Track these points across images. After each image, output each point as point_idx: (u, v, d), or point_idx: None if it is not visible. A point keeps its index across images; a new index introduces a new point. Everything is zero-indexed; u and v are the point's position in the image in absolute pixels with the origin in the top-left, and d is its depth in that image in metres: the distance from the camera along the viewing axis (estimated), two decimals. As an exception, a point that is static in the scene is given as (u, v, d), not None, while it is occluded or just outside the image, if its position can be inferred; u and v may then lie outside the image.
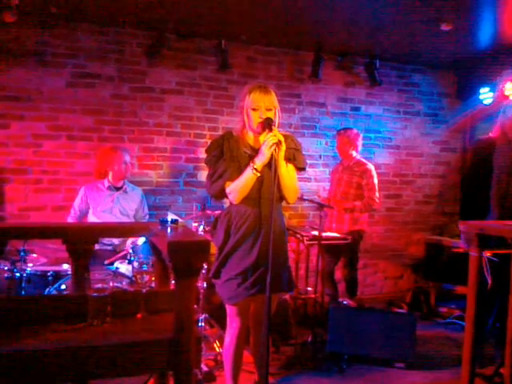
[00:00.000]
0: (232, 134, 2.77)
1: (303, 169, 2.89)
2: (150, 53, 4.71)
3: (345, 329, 3.87)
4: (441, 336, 4.60)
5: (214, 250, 2.86)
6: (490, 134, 3.90)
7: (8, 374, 1.46)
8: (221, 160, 2.68)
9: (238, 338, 2.77)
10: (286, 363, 3.82)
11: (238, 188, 2.63)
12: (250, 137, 2.75)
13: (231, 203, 2.73)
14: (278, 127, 2.69)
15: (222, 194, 2.71)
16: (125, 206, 4.27)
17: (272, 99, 2.66)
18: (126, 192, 4.31)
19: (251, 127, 2.68)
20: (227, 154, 2.68)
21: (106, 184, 4.25)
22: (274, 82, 5.11)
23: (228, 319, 2.79)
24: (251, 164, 2.57)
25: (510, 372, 2.68)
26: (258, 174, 2.58)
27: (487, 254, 2.85)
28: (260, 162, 2.55)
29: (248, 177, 2.59)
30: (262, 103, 2.63)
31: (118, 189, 4.28)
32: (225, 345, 2.85)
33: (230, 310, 2.76)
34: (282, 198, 2.75)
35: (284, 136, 2.62)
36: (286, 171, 2.68)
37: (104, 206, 4.20)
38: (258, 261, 2.62)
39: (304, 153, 5.46)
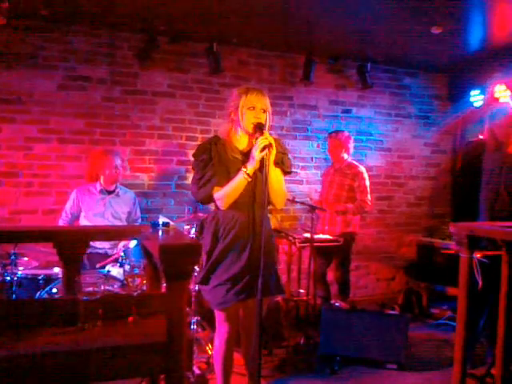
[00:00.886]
0: (219, 138, 2.75)
1: (289, 173, 2.88)
2: (141, 56, 4.70)
3: (337, 330, 3.87)
4: (433, 337, 4.62)
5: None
6: (480, 137, 3.93)
7: (-2, 378, 1.45)
8: (209, 165, 2.65)
9: (227, 342, 2.76)
10: (278, 365, 3.81)
11: (227, 193, 2.60)
12: (238, 140, 2.73)
13: (217, 208, 2.71)
14: (269, 130, 2.69)
15: (210, 200, 2.69)
16: (117, 210, 4.25)
17: (267, 102, 2.68)
18: (118, 195, 4.30)
19: (244, 127, 2.66)
20: (215, 159, 2.65)
21: (98, 187, 4.23)
22: (266, 85, 5.14)
23: (217, 324, 2.78)
24: (243, 169, 2.56)
25: (501, 372, 2.70)
26: (250, 179, 2.57)
27: (477, 255, 2.87)
28: (252, 166, 2.55)
29: (239, 182, 2.58)
30: (258, 104, 2.63)
31: (110, 192, 4.26)
32: (214, 349, 2.85)
33: (219, 316, 2.74)
34: (269, 201, 2.73)
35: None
36: (275, 175, 2.67)
37: (96, 209, 4.18)
38: (248, 266, 2.60)
39: (296, 155, 5.54)
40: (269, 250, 2.71)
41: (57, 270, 3.63)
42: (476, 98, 5.45)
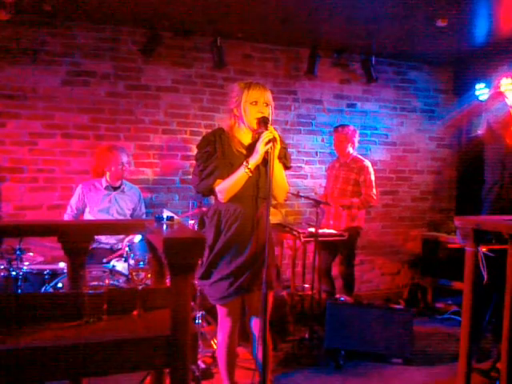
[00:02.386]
0: (224, 130, 2.72)
1: (290, 167, 2.88)
2: (145, 50, 4.70)
3: (342, 325, 3.87)
4: (438, 331, 4.61)
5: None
6: (479, 132, 3.91)
7: (3, 371, 1.45)
8: (213, 157, 2.63)
9: (230, 336, 2.76)
10: (283, 360, 3.82)
11: (228, 187, 2.59)
12: (241, 135, 2.71)
13: (219, 201, 2.68)
14: (272, 124, 2.69)
15: (210, 192, 2.67)
16: (122, 206, 4.25)
17: (269, 96, 2.66)
18: (123, 192, 4.29)
19: (247, 123, 2.64)
20: (219, 152, 2.63)
21: (104, 184, 4.23)
22: (270, 79, 5.13)
23: (219, 319, 2.78)
24: (245, 163, 2.55)
25: (507, 367, 2.69)
26: (251, 174, 2.56)
27: (483, 249, 2.85)
28: (254, 160, 2.54)
29: (240, 176, 2.56)
30: (261, 98, 2.62)
31: (115, 188, 4.25)
32: (218, 343, 2.84)
33: (221, 311, 2.73)
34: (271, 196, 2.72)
35: None
36: (278, 169, 2.66)
37: (101, 205, 4.18)
38: (250, 260, 2.60)
39: (300, 150, 5.54)
40: (270, 245, 2.71)
41: (62, 264, 3.65)
42: (481, 91, 5.41)
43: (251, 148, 2.61)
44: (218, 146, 2.64)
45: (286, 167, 2.80)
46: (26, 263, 3.60)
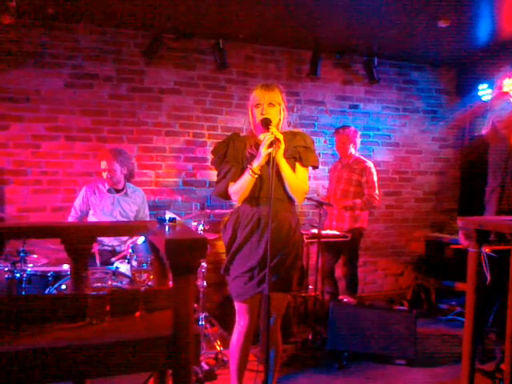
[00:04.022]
0: (238, 134, 2.81)
1: (314, 167, 2.85)
2: (147, 53, 4.71)
3: (345, 326, 3.87)
4: (441, 333, 4.61)
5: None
6: (483, 132, 3.91)
7: (7, 372, 1.46)
8: (224, 161, 2.72)
9: (246, 335, 2.76)
10: (286, 361, 3.82)
11: (237, 189, 2.66)
12: (258, 137, 2.75)
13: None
14: (283, 123, 2.71)
15: (226, 195, 2.73)
16: (125, 209, 4.25)
17: (274, 95, 2.68)
18: (126, 194, 4.27)
19: (256, 125, 2.70)
20: (230, 155, 2.71)
21: (107, 186, 4.22)
22: (272, 81, 5.12)
23: (236, 316, 2.79)
24: (249, 166, 2.60)
25: (511, 368, 2.68)
26: (256, 176, 2.60)
27: (486, 249, 2.85)
28: (257, 163, 2.58)
29: (246, 179, 2.62)
30: (262, 99, 2.65)
31: (118, 191, 4.25)
32: (232, 342, 2.83)
33: (239, 307, 2.75)
34: (289, 196, 2.72)
35: (292, 134, 2.72)
36: (289, 170, 2.66)
37: (104, 208, 4.17)
38: (264, 259, 2.61)
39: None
40: (289, 246, 2.70)
41: (66, 266, 3.66)
42: (484, 92, 5.41)
43: None
44: (230, 150, 2.72)
45: (308, 167, 2.80)
46: (30, 265, 3.61)
